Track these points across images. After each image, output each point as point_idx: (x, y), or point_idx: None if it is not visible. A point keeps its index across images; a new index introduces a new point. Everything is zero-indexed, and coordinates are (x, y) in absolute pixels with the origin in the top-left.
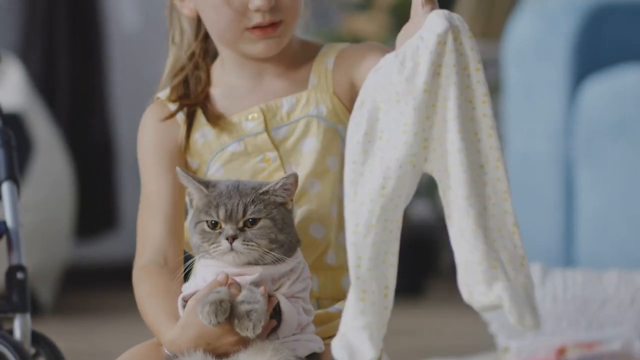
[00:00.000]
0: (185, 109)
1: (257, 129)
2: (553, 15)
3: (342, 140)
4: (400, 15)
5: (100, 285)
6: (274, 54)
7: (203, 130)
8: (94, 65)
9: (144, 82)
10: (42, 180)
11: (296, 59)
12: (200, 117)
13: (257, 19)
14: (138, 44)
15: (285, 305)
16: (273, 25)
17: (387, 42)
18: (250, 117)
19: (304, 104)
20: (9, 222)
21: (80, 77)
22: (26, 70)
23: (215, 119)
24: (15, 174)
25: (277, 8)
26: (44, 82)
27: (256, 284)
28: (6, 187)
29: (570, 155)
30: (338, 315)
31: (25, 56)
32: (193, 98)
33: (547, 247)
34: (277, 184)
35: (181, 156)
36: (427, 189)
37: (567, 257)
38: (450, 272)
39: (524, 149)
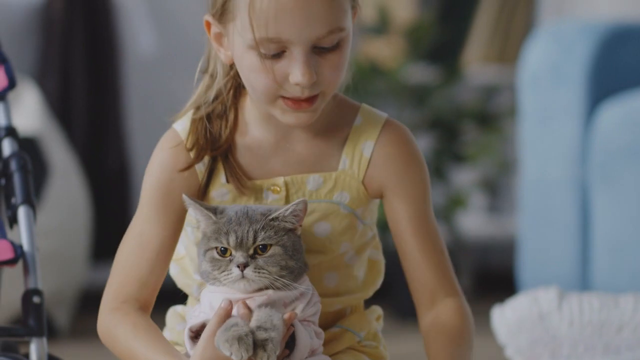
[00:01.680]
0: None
1: (277, 203)
2: (569, 40)
3: (360, 222)
4: (416, 39)
5: None
6: (306, 125)
7: (221, 190)
8: (110, 90)
9: (160, 107)
10: (58, 204)
11: (329, 124)
12: (220, 174)
13: (295, 92)
14: (154, 68)
15: (300, 332)
16: (310, 98)
17: (403, 66)
18: (272, 188)
19: (330, 188)
20: (26, 246)
21: (96, 102)
22: (42, 94)
23: (236, 181)
24: (32, 198)
25: (318, 82)
26: (60, 106)
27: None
28: (23, 211)
29: (586, 179)
30: (340, 332)
31: (42, 80)
32: (216, 148)
33: (563, 271)
34: (287, 210)
35: (185, 212)
36: (442, 212)
37: (583, 281)
38: (466, 296)
39: (539, 173)
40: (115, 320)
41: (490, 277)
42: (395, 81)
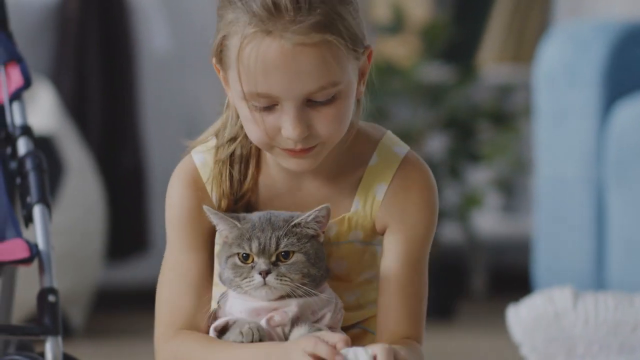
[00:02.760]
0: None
1: None
2: (584, 39)
3: (378, 249)
4: (431, 39)
5: (132, 307)
6: (309, 170)
7: None
8: (125, 88)
9: (175, 106)
10: (73, 203)
11: (344, 165)
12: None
13: (288, 144)
14: (169, 67)
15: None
16: (306, 149)
17: (418, 65)
18: None
19: (344, 231)
20: (41, 245)
21: (111, 101)
22: (57, 93)
23: None
24: (47, 197)
25: (313, 136)
26: (76, 105)
27: (296, 317)
28: (38, 210)
29: (601, 178)
30: (361, 333)
31: (57, 79)
32: (238, 198)
33: (578, 271)
34: (309, 215)
35: (214, 232)
36: (457, 211)
37: (599, 281)
38: (481, 295)
39: (554, 173)
40: (179, 341)
41: (505, 276)
42: (410, 80)
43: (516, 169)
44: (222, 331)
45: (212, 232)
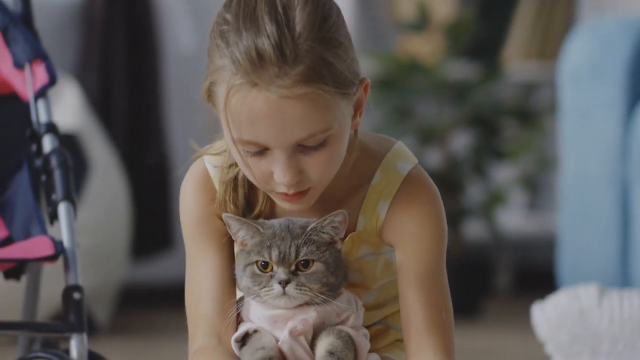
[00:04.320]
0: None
1: None
2: (609, 37)
3: (391, 256)
4: (456, 36)
5: (156, 305)
6: (304, 209)
7: None
8: (150, 87)
9: (199, 103)
10: (98, 200)
11: (347, 189)
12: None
13: (281, 189)
14: (194, 64)
15: (358, 340)
16: (299, 193)
17: (443, 62)
18: None
19: (351, 249)
20: (66, 243)
21: (136, 98)
22: (83, 90)
23: None
24: (72, 195)
25: (306, 179)
26: (100, 103)
27: (317, 323)
28: (63, 207)
29: (626, 176)
30: (383, 329)
31: (82, 77)
32: (248, 214)
33: (604, 268)
34: (324, 220)
35: (230, 237)
36: (482, 209)
37: (624, 278)
38: (506, 293)
39: (579, 170)
40: (202, 359)
41: (531, 273)
42: (435, 78)
43: (541, 167)
44: (243, 340)
45: (229, 237)
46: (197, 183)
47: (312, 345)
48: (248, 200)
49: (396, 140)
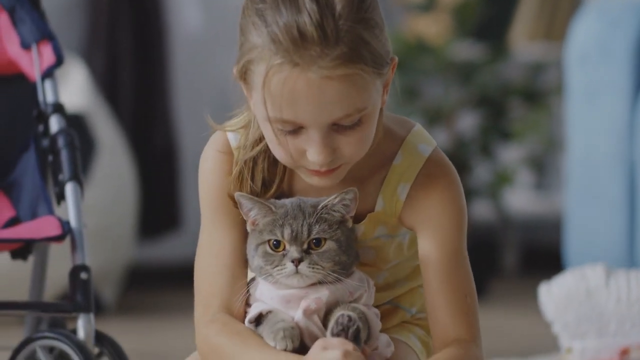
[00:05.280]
0: None
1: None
2: (616, 17)
3: (407, 234)
4: (463, 17)
5: (163, 285)
6: (332, 185)
7: None
8: (157, 66)
9: (206, 83)
10: (105, 181)
11: (368, 168)
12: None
13: (313, 166)
14: (201, 45)
15: (372, 321)
16: (330, 169)
17: (450, 43)
18: None
19: (369, 229)
20: (73, 223)
21: (143, 78)
22: (89, 71)
23: None
24: (79, 175)
25: (339, 157)
26: (107, 83)
27: (330, 302)
28: (70, 187)
29: (633, 155)
30: (392, 309)
31: (89, 57)
32: (263, 194)
33: (611, 248)
34: (335, 198)
35: None
36: (489, 189)
37: (631, 258)
38: (513, 273)
39: (586, 149)
40: (214, 331)
41: (537, 254)
42: (442, 58)
43: (548, 147)
44: (257, 321)
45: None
46: (217, 153)
47: (325, 323)
48: (266, 178)
49: (415, 122)
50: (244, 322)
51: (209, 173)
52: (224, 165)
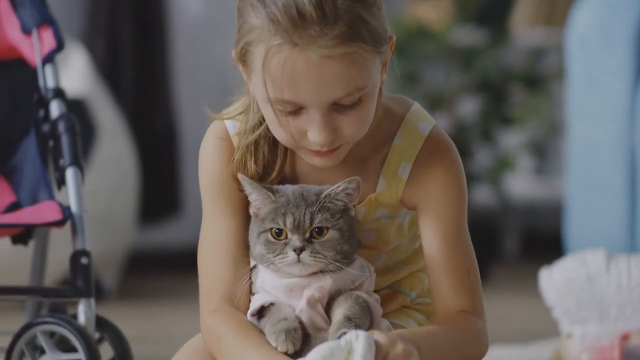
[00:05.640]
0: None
1: None
2: (617, 3)
3: (407, 216)
4: (463, 2)
5: (164, 269)
6: (333, 166)
7: None
8: (158, 51)
9: (207, 68)
10: (106, 166)
11: (368, 149)
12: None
13: (314, 147)
14: (201, 30)
15: (375, 309)
16: (331, 149)
17: (451, 28)
18: None
19: (370, 210)
20: (73, 208)
21: (144, 63)
22: (90, 56)
23: None
24: (80, 160)
25: (339, 137)
26: (108, 68)
27: (333, 290)
28: (70, 172)
29: (634, 141)
30: (392, 293)
31: (90, 42)
32: (264, 179)
33: (611, 233)
34: (338, 187)
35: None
36: (490, 174)
37: (632, 243)
38: (513, 258)
39: (587, 135)
40: (217, 321)
41: (538, 239)
42: (442, 43)
43: (549, 132)
44: (259, 313)
45: (246, 198)
46: (217, 142)
47: (328, 311)
48: (268, 161)
49: (413, 101)
50: (247, 311)
51: (209, 161)
52: (223, 152)
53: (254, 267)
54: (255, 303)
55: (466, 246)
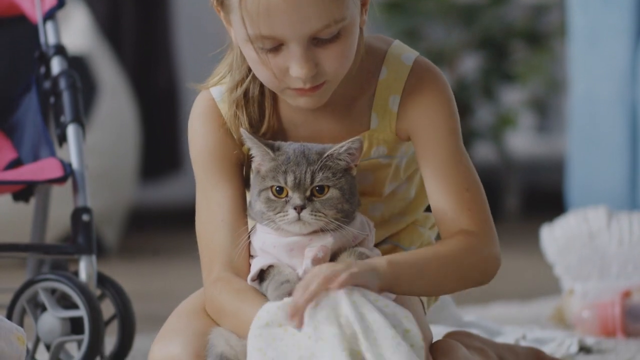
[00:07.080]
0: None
1: None
2: None
3: (404, 158)
4: None
5: (165, 226)
6: (318, 106)
7: None
8: (159, 8)
9: (210, 25)
10: (107, 122)
11: (355, 88)
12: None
13: (297, 84)
14: None
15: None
16: (315, 87)
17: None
18: None
19: (366, 148)
20: (75, 165)
21: (145, 20)
22: (91, 13)
23: None
24: (81, 117)
25: (321, 73)
26: (109, 25)
27: (335, 248)
28: (72, 129)
29: (635, 98)
30: (391, 248)
31: None
32: (259, 133)
33: (612, 191)
34: (341, 147)
35: (240, 164)
36: (491, 131)
37: (633, 200)
38: (515, 215)
39: (588, 92)
40: (218, 290)
41: (539, 196)
42: (444, 0)
43: (550, 89)
44: (259, 277)
45: (239, 165)
46: (204, 112)
47: None
48: (257, 115)
49: (393, 39)
50: (247, 276)
51: (198, 133)
52: (212, 121)
53: (252, 229)
54: (255, 267)
55: (463, 165)
